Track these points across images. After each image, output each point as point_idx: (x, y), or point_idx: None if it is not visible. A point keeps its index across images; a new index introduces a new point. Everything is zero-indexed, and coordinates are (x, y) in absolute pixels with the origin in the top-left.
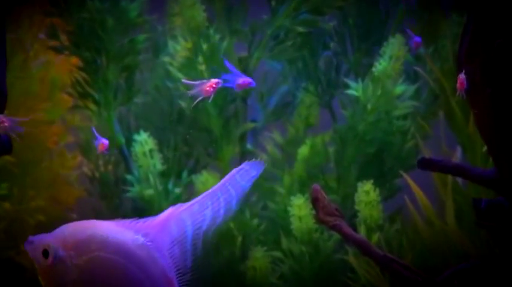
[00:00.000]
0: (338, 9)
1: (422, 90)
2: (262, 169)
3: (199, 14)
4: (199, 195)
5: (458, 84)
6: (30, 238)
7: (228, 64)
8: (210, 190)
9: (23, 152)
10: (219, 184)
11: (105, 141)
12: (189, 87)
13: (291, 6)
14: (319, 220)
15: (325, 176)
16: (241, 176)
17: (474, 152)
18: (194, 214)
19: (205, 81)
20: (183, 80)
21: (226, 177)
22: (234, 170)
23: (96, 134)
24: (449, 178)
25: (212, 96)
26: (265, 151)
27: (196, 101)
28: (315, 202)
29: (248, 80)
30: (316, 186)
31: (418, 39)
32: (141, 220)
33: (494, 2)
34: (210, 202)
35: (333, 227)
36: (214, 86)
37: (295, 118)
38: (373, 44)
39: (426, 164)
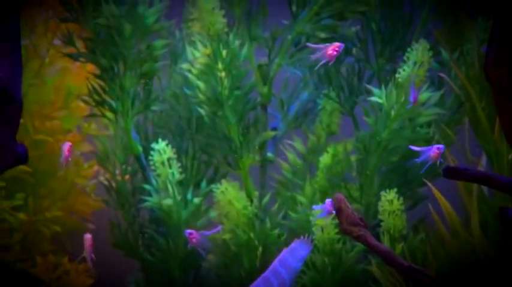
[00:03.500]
0: (361, 14)
1: (446, 97)
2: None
3: (219, 20)
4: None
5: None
6: None
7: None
8: (262, 276)
9: (38, 162)
10: (271, 267)
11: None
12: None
13: (312, 11)
14: (343, 231)
15: (348, 185)
16: (292, 257)
17: (500, 160)
18: None
19: (328, 44)
20: (307, 44)
21: (277, 260)
22: (284, 251)
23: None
24: (475, 186)
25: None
26: (286, 159)
27: (319, 64)
28: (338, 212)
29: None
30: (340, 195)
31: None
32: None
33: None
34: None
35: (358, 238)
36: (337, 49)
37: (317, 126)
38: (396, 49)
39: (452, 173)
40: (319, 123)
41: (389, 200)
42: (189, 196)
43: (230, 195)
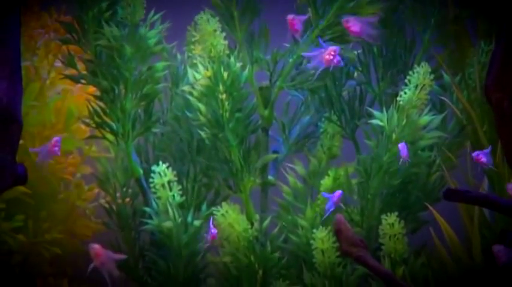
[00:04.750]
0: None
1: (448, 120)
2: None
3: (220, 42)
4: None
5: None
6: None
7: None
8: None
9: (38, 184)
10: None
11: None
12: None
13: (313, 34)
14: (342, 251)
15: (349, 208)
16: None
17: (502, 182)
18: None
19: (323, 50)
20: (303, 53)
21: None
22: None
23: None
24: (476, 210)
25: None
26: (287, 182)
27: (318, 71)
28: (338, 233)
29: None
30: (340, 216)
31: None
32: None
33: None
34: None
35: (357, 259)
36: (333, 53)
37: (318, 149)
38: (398, 73)
39: (452, 195)
40: (320, 146)
41: (391, 224)
42: (189, 219)
43: (231, 218)
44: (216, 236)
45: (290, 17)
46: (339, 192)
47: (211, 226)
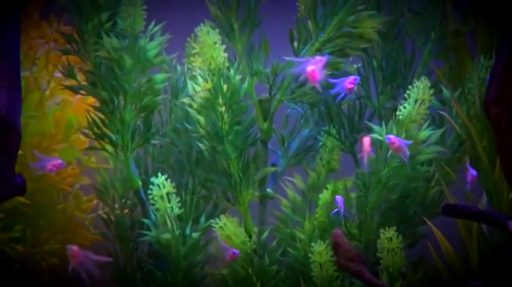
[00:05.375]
0: (362, 51)
1: (447, 135)
2: None
3: (220, 54)
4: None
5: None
6: None
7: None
8: None
9: (37, 194)
10: None
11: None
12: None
13: (313, 48)
14: (339, 266)
15: (347, 222)
16: None
17: (500, 198)
18: None
19: (345, 78)
20: (328, 79)
21: None
22: None
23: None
24: (474, 225)
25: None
26: (286, 195)
27: (339, 97)
28: (335, 247)
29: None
30: (337, 231)
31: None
32: None
33: None
34: None
35: (354, 273)
36: (353, 82)
37: (317, 162)
38: (398, 87)
39: (451, 210)
40: (319, 160)
41: (389, 238)
42: (187, 231)
43: (229, 230)
44: (237, 255)
45: (310, 69)
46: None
47: (225, 245)
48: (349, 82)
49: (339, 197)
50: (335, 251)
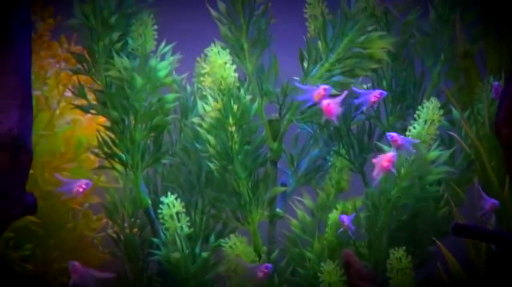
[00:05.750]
0: (372, 71)
1: (457, 156)
2: None
3: (230, 74)
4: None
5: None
6: None
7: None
8: None
9: (47, 213)
10: None
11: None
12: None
13: (323, 68)
14: (351, 285)
15: (356, 242)
16: None
17: (510, 219)
18: None
19: (371, 91)
20: (353, 88)
21: None
22: None
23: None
24: (484, 245)
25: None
26: (295, 215)
27: (362, 108)
28: (347, 266)
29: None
30: (348, 250)
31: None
32: None
33: None
34: None
35: None
36: (378, 96)
37: (326, 182)
38: (407, 107)
39: (460, 230)
40: (328, 179)
41: (398, 258)
42: (197, 250)
43: (238, 250)
44: (270, 269)
45: (325, 103)
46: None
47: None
48: (374, 95)
49: (344, 216)
50: (346, 271)
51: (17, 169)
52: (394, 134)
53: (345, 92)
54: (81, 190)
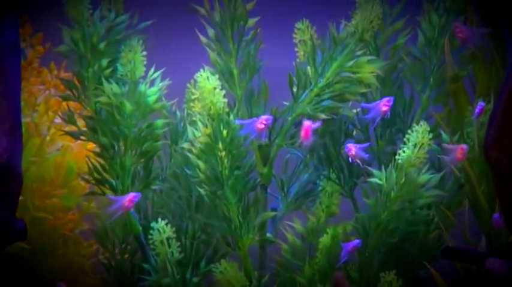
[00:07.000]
0: (361, 95)
1: (446, 179)
2: None
3: (220, 100)
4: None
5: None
6: None
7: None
8: None
9: (37, 239)
10: None
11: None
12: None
13: (313, 93)
14: None
15: (347, 266)
16: None
17: (500, 242)
18: None
19: (378, 101)
20: (362, 104)
21: None
22: None
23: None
24: (474, 268)
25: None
26: (286, 240)
27: (376, 121)
28: None
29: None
30: (338, 274)
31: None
32: None
33: None
34: None
35: None
36: (387, 104)
37: (317, 207)
38: (397, 131)
39: (450, 253)
40: (319, 204)
41: (389, 282)
42: (188, 276)
43: (229, 275)
44: None
45: (306, 124)
46: (356, 242)
47: None
48: (384, 104)
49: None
50: None
51: (7, 194)
52: (350, 145)
53: (318, 123)
54: (131, 204)
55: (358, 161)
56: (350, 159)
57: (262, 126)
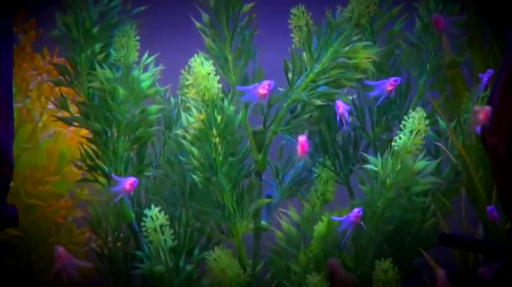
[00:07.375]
0: (357, 81)
1: (443, 166)
2: None
3: (214, 85)
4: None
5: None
6: None
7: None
8: None
9: (29, 227)
10: None
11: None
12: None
13: (308, 79)
14: None
15: (342, 254)
16: None
17: (497, 229)
18: None
19: (385, 80)
20: (366, 81)
21: None
22: None
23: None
24: (471, 256)
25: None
26: (280, 227)
27: (381, 99)
28: (331, 276)
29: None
30: (333, 260)
31: None
32: None
33: None
34: None
35: None
36: (394, 83)
37: (312, 194)
38: (393, 117)
39: (446, 240)
40: (314, 191)
41: (384, 270)
42: (181, 263)
43: (223, 263)
44: None
45: (301, 139)
46: (357, 209)
47: None
48: (390, 84)
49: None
50: (331, 281)
51: None
52: (339, 102)
53: (305, 137)
54: (131, 188)
55: (343, 121)
56: (337, 118)
57: (265, 91)
